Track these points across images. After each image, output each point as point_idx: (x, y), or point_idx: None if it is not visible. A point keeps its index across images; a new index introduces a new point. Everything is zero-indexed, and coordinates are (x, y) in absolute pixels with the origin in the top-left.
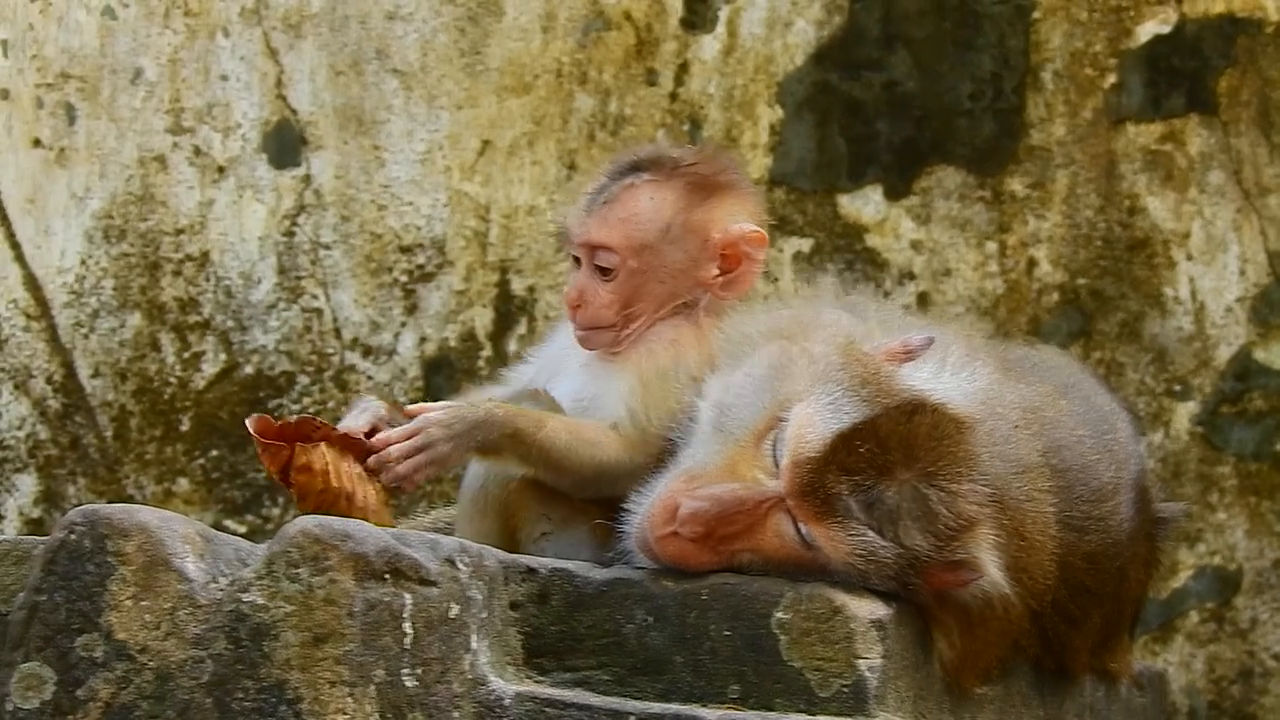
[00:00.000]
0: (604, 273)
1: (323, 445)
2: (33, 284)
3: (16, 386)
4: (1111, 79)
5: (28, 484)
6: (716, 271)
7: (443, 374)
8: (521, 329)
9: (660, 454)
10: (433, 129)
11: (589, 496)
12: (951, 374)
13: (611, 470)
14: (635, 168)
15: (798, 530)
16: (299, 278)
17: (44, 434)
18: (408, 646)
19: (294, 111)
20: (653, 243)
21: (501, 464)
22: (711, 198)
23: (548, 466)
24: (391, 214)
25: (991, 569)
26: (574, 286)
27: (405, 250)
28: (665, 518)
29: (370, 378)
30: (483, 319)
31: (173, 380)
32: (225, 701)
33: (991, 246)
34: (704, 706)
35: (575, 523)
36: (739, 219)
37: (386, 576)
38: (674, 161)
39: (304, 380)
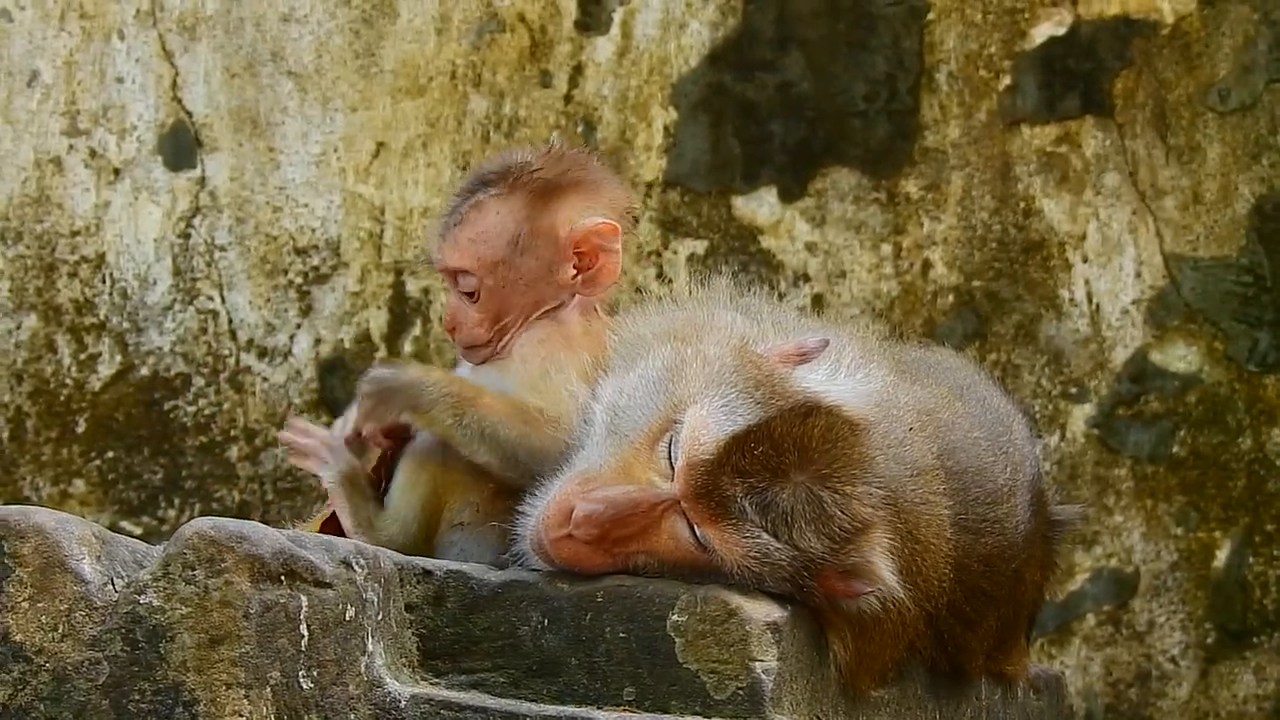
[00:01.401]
0: (469, 295)
1: None
2: None
3: None
4: (1006, 81)
5: None
6: (574, 271)
7: (338, 375)
8: (416, 330)
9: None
10: (327, 131)
11: (513, 479)
12: (846, 376)
13: (540, 452)
14: (482, 183)
15: (692, 532)
16: (195, 279)
17: None
18: (304, 648)
19: (189, 114)
20: (504, 257)
21: (435, 429)
22: (556, 199)
23: (481, 438)
24: (286, 216)
25: (885, 572)
26: (448, 309)
27: (300, 252)
28: (560, 520)
29: (266, 379)
30: (377, 320)
31: (69, 382)
32: (122, 703)
33: (886, 248)
34: (599, 709)
35: (491, 523)
36: (587, 214)
37: (282, 578)
38: (518, 170)
39: (199, 382)
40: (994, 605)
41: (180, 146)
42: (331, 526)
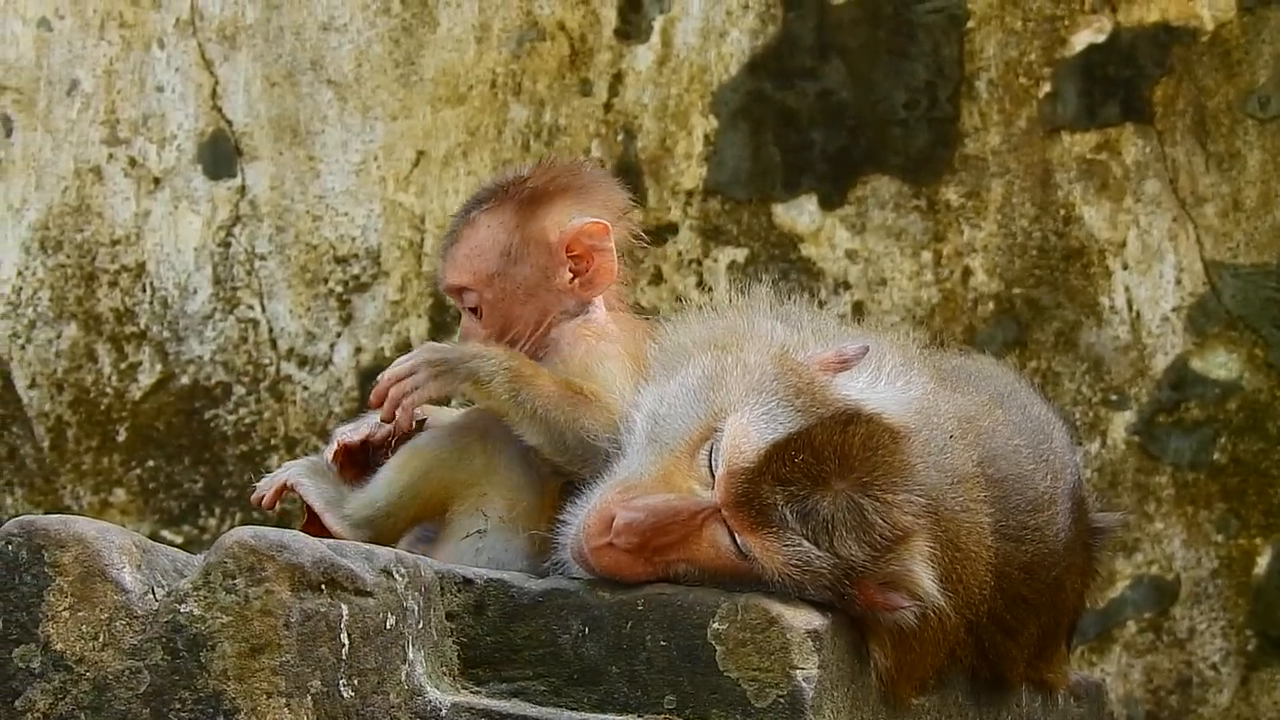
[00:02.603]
0: (474, 311)
1: None
2: None
3: None
4: (1046, 88)
5: None
6: (570, 274)
7: None
8: (456, 339)
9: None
10: (368, 140)
11: (561, 463)
12: (886, 384)
13: (590, 435)
14: (476, 202)
15: (733, 540)
16: (235, 288)
17: None
18: (344, 657)
19: (229, 123)
20: (498, 269)
21: (492, 403)
22: (544, 206)
23: (534, 417)
24: (327, 224)
25: (926, 581)
26: (460, 329)
27: (340, 261)
28: (600, 528)
29: (306, 388)
30: (418, 329)
31: (109, 391)
32: (162, 712)
33: (926, 256)
34: (640, 717)
35: (510, 527)
36: (576, 216)
37: (323, 587)
38: (508, 185)
39: (240, 390)
40: (1035, 613)
41: (220, 155)
42: (314, 529)
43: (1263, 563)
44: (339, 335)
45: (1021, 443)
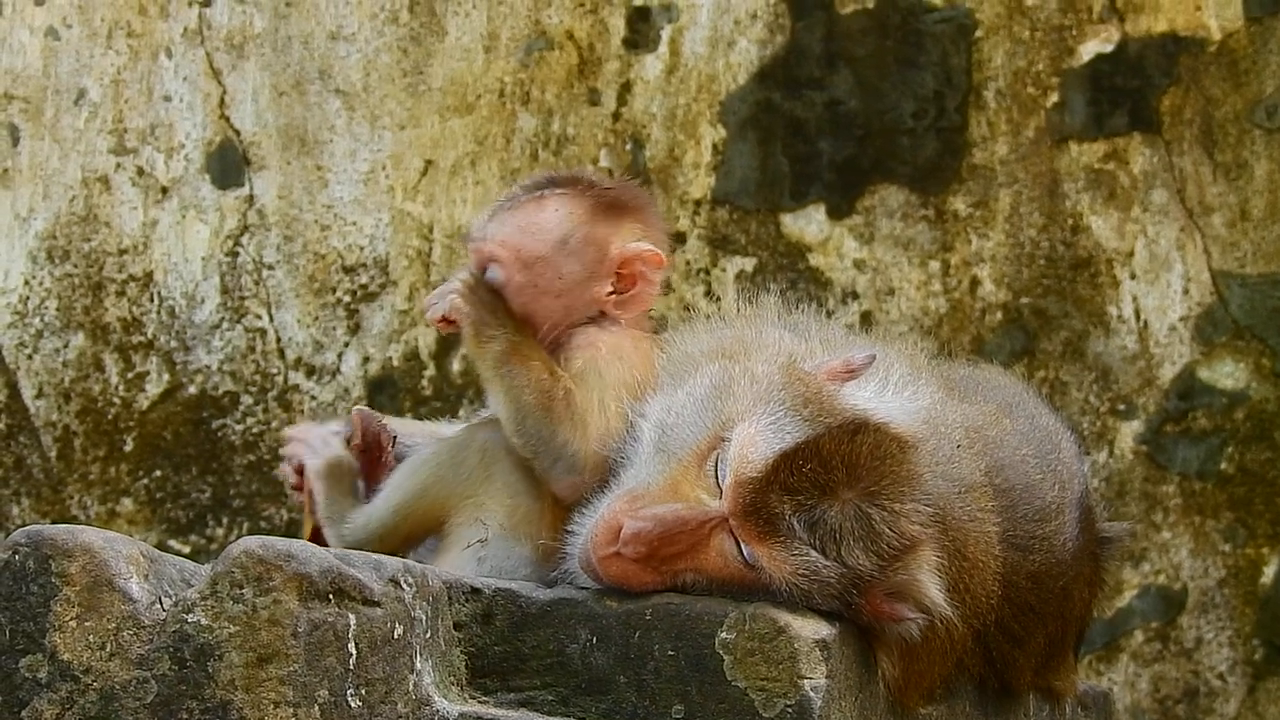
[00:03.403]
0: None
1: None
2: None
3: None
4: (1054, 98)
5: None
6: (611, 289)
7: (386, 393)
8: (464, 349)
9: (602, 465)
10: (375, 149)
11: (518, 446)
12: (894, 393)
13: (549, 434)
14: (552, 182)
15: (740, 550)
16: (242, 298)
17: None
18: (352, 667)
19: (237, 132)
20: (547, 254)
21: (480, 364)
22: (619, 216)
23: (506, 392)
24: (335, 234)
25: (933, 590)
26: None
27: (348, 270)
28: (608, 538)
29: (314, 397)
30: (426, 338)
31: (116, 400)
32: None
33: (934, 265)
34: None
35: (511, 535)
36: (641, 239)
37: (330, 597)
38: (591, 182)
39: (247, 400)
40: (1042, 622)
41: (228, 165)
42: (320, 537)
43: (1270, 572)
44: (346, 345)
45: (1029, 452)
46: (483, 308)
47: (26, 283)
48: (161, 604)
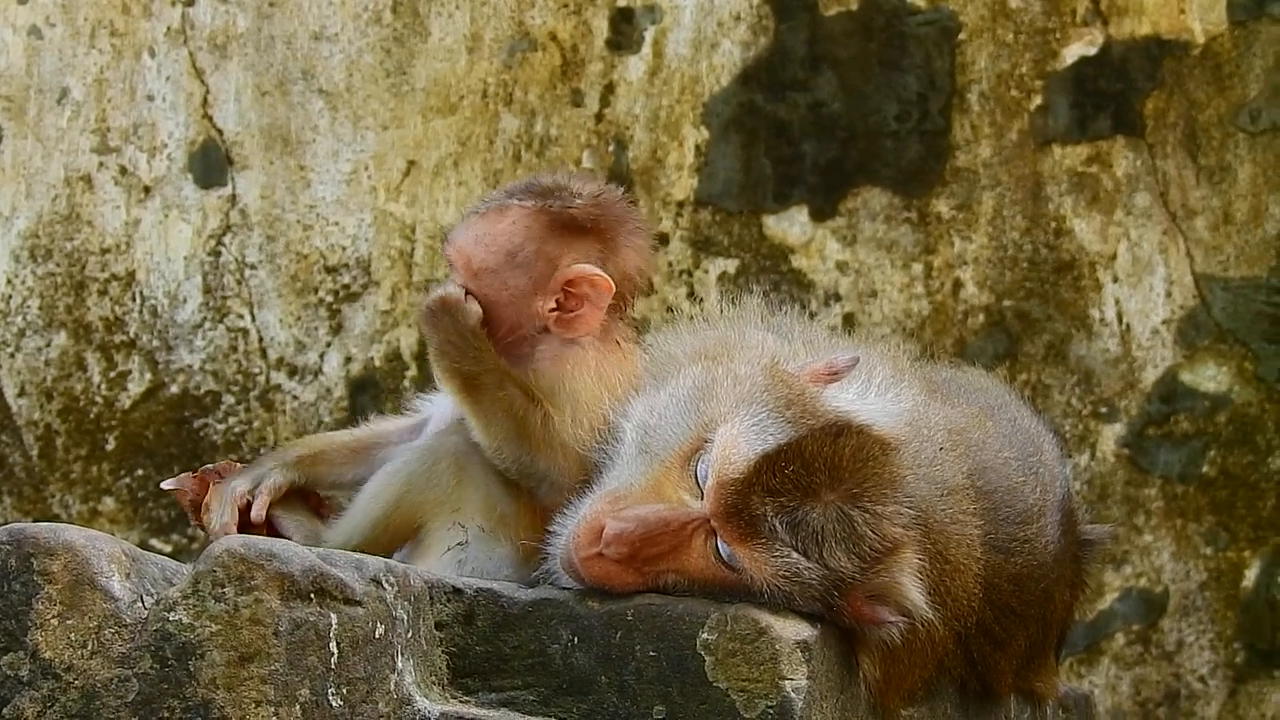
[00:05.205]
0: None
1: None
2: None
3: None
4: (1037, 100)
5: None
6: (554, 305)
7: (368, 394)
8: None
9: (584, 474)
10: (358, 149)
11: (508, 469)
12: (877, 395)
13: (545, 472)
14: (524, 191)
15: (722, 551)
16: (225, 297)
17: None
18: (333, 666)
19: (220, 131)
20: (494, 266)
21: (448, 390)
22: (575, 235)
23: (489, 432)
24: (317, 234)
25: (914, 593)
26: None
27: (331, 270)
28: (590, 538)
29: (296, 398)
30: (408, 339)
31: (98, 399)
32: None
33: (917, 268)
34: None
35: (490, 536)
36: (593, 261)
37: (312, 596)
38: (558, 194)
39: (229, 400)
40: (1024, 625)
41: (211, 164)
42: None
43: (1251, 575)
44: (329, 345)
45: (1011, 455)
46: (448, 331)
47: (9, 281)
48: (143, 602)
